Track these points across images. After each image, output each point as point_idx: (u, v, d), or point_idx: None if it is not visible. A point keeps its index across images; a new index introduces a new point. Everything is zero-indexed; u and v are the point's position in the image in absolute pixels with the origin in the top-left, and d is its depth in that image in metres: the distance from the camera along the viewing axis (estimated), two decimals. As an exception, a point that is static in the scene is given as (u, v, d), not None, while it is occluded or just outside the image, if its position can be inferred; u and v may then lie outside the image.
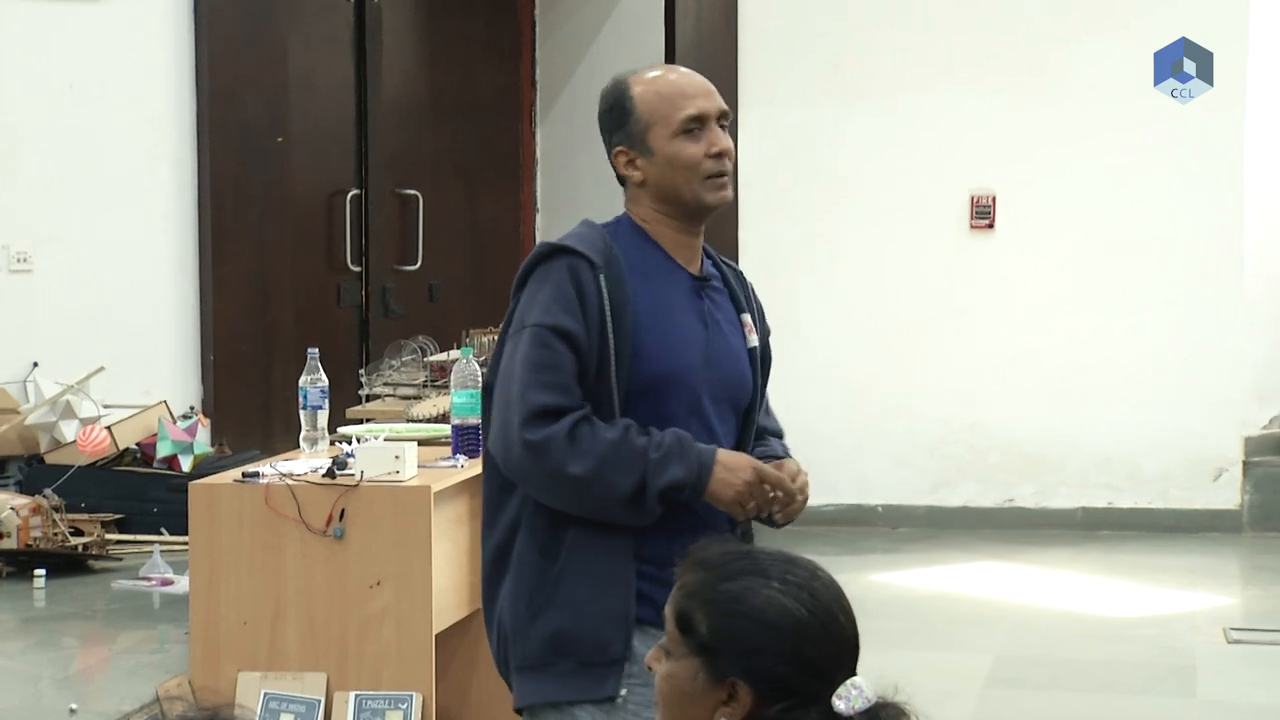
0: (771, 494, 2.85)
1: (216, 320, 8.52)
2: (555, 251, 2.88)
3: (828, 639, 2.10)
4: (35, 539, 7.51)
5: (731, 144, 2.98)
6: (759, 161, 8.99)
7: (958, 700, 5.77)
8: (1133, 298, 8.77)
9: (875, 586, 7.37)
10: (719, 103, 2.96)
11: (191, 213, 8.58)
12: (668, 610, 2.18)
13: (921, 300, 8.93)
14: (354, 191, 9.05)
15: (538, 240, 9.72)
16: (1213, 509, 8.71)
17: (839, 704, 2.06)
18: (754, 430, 3.03)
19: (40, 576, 7.31)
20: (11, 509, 7.49)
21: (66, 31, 8.44)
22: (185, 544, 5.39)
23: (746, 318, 3.04)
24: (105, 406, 8.24)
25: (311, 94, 8.88)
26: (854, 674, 2.10)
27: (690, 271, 2.97)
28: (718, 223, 9.97)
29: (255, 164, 8.65)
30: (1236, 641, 6.54)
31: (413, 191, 9.25)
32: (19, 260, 8.40)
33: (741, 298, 3.05)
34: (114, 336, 8.41)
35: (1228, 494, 8.73)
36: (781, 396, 9.90)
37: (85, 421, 8.16)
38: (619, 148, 2.95)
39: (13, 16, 8.36)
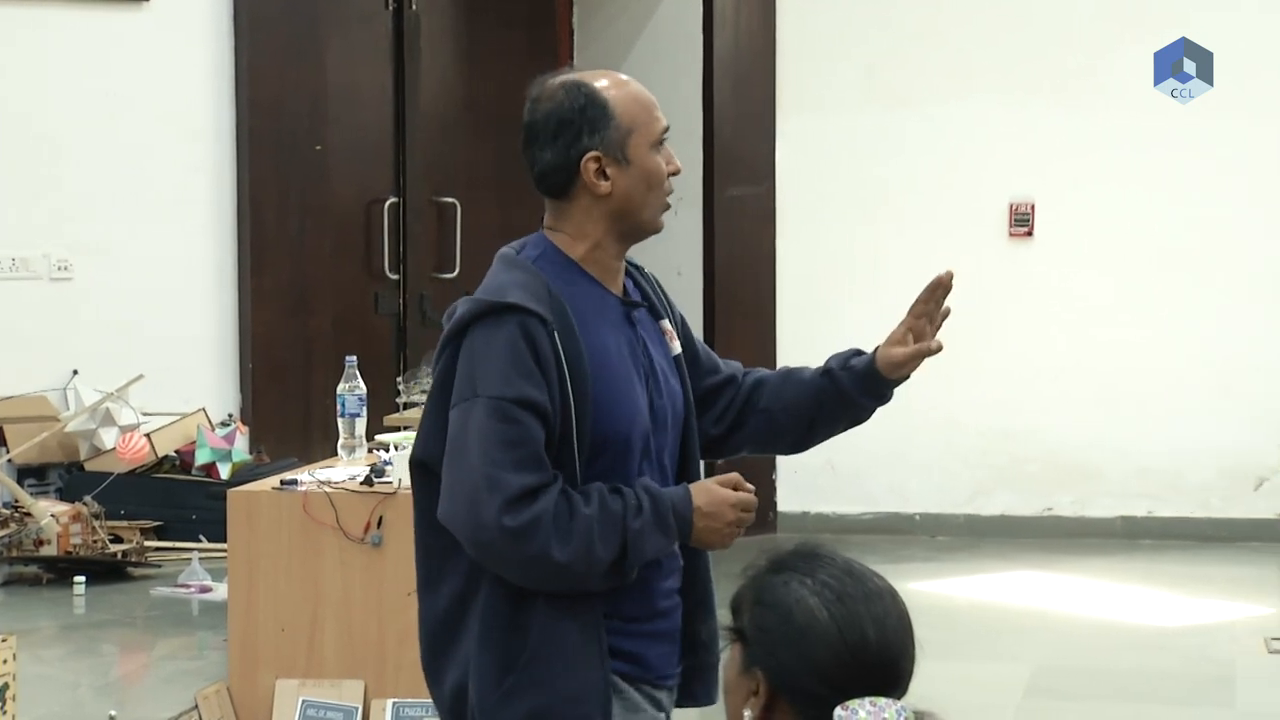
0: (754, 513, 2.71)
1: (255, 328, 8.55)
2: (503, 309, 2.62)
3: (845, 648, 2.04)
4: (75, 546, 7.55)
5: None
6: (797, 169, 8.98)
7: (996, 711, 5.75)
8: (1173, 306, 8.72)
9: (913, 596, 7.24)
10: None
11: (230, 221, 8.61)
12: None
13: (960, 308, 8.80)
14: (392, 200, 9.07)
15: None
16: (1254, 519, 8.65)
17: (841, 716, 2.00)
18: (695, 439, 2.83)
19: (80, 583, 7.34)
20: (51, 516, 7.53)
21: (107, 41, 8.48)
22: (224, 551, 5.42)
23: (666, 324, 2.83)
24: (144, 414, 8.28)
25: (350, 103, 8.90)
26: (883, 693, 2.02)
27: (618, 295, 2.76)
28: (756, 230, 9.88)
29: (294, 173, 8.68)
30: (1277, 651, 6.49)
31: (450, 200, 9.26)
32: (59, 269, 8.45)
33: (656, 301, 2.83)
34: (153, 344, 8.44)
35: (1269, 503, 8.67)
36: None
37: (125, 429, 8.19)
38: (593, 153, 2.67)
39: (54, 26, 8.41)
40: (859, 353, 3.00)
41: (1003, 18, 8.84)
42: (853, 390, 2.94)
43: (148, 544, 7.84)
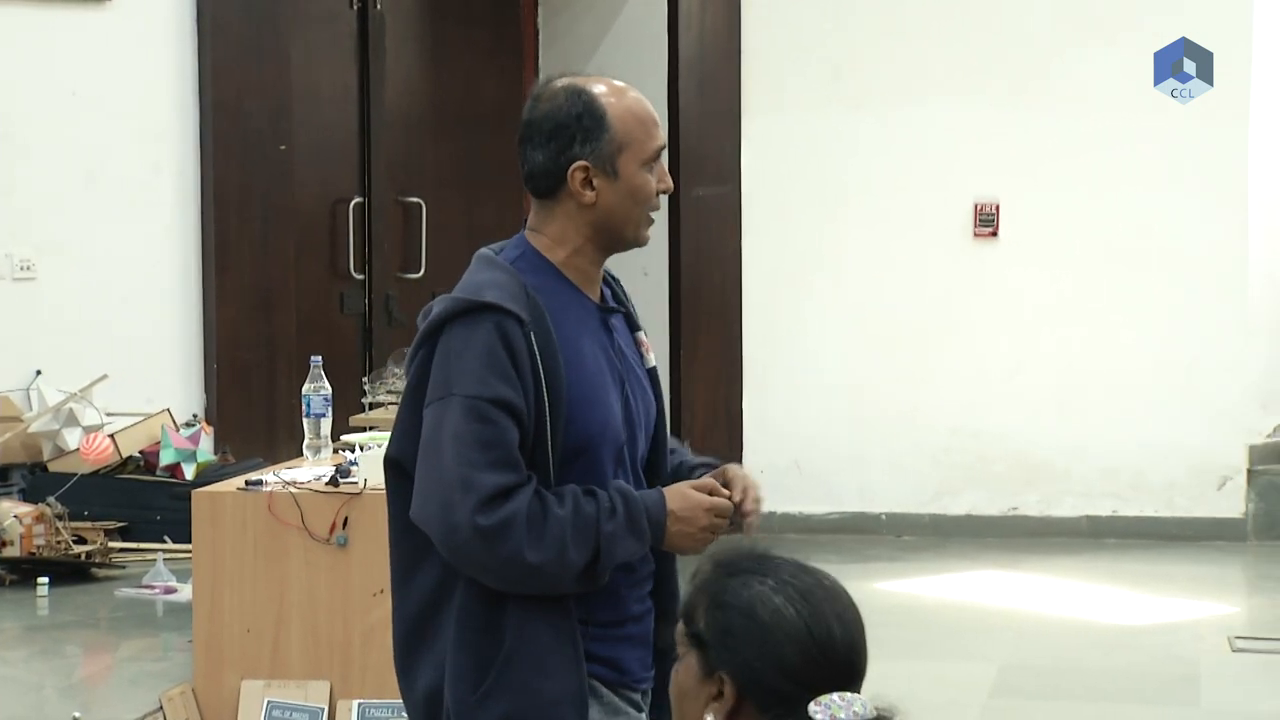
0: (728, 520, 2.69)
1: (220, 328, 8.52)
2: (479, 308, 2.60)
3: (813, 644, 2.05)
4: (38, 547, 7.51)
5: None
6: (761, 170, 8.99)
7: (962, 710, 5.76)
8: (1137, 306, 8.76)
9: (879, 595, 7.35)
10: None
11: (194, 220, 8.58)
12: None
13: (925, 308, 8.92)
14: (357, 200, 9.05)
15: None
16: (1217, 518, 8.69)
17: (815, 711, 2.01)
18: (664, 451, 2.84)
19: (43, 585, 7.30)
20: (15, 517, 7.49)
21: (69, 39, 8.43)
22: (188, 552, 5.39)
23: (642, 336, 2.84)
24: (108, 415, 8.24)
25: (314, 103, 8.87)
26: (847, 689, 2.04)
27: (595, 301, 2.76)
28: (722, 230, 9.87)
29: (258, 172, 8.65)
30: (1241, 650, 6.52)
31: (416, 199, 9.24)
32: (22, 268, 8.40)
33: (634, 313, 2.85)
34: (117, 344, 8.40)
35: (1232, 502, 8.71)
36: (785, 404, 9.91)
37: (89, 429, 8.15)
38: (581, 163, 2.67)
39: (15, 23, 8.36)
40: (710, 465, 2.88)
41: (968, 18, 8.86)
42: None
43: (112, 545, 7.80)
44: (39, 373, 8.35)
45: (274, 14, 8.66)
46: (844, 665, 2.07)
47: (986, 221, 8.87)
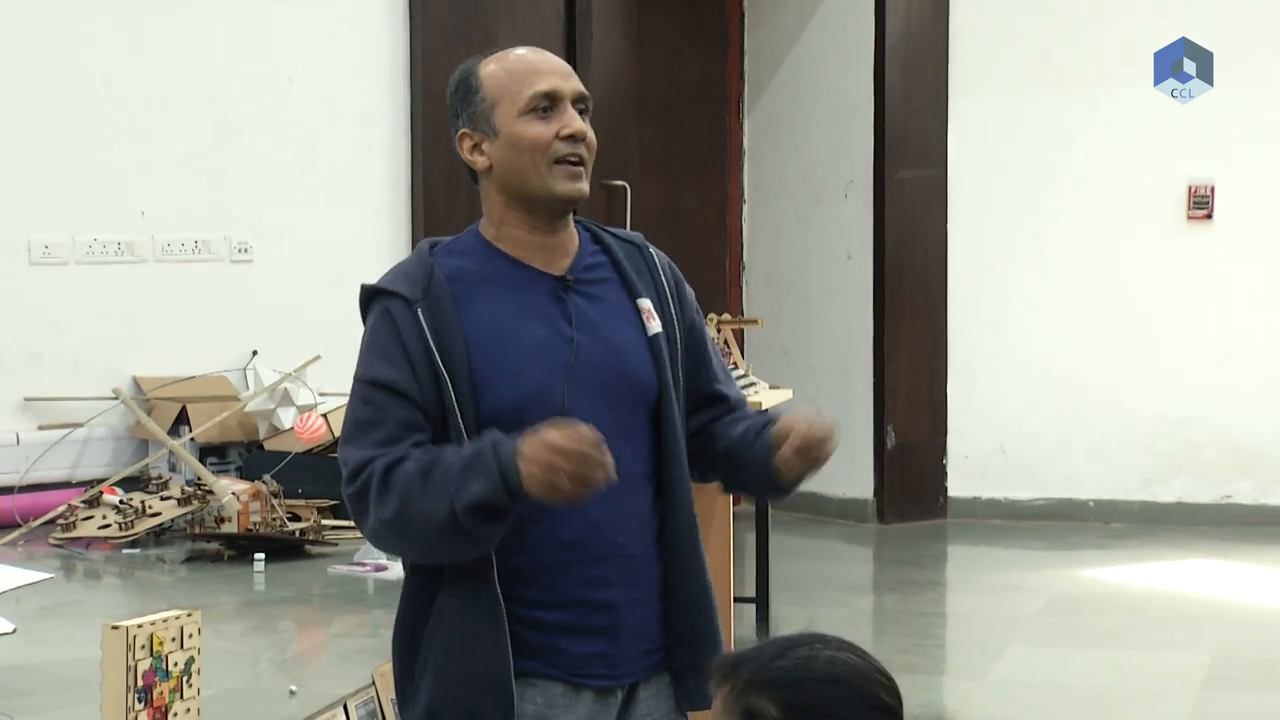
0: (588, 464, 2.41)
1: (428, 310, 8.65)
2: (371, 295, 2.63)
3: (882, 675, 2.10)
4: (255, 524, 7.71)
5: (590, 132, 2.69)
6: (967, 153, 8.89)
7: (1173, 699, 5.66)
8: (1358, 290, 8.51)
9: (1087, 583, 7.24)
10: (576, 85, 2.69)
11: (404, 203, 8.73)
12: None
13: (1134, 293, 8.76)
14: (563, 183, 9.12)
15: (745, 231, 9.72)
16: None
17: None
18: (673, 425, 2.66)
19: (259, 560, 7.49)
20: (232, 494, 7.70)
21: (285, 26, 8.63)
22: (398, 530, 5.47)
23: (644, 303, 2.69)
24: (321, 394, 8.42)
25: (521, 87, 8.95)
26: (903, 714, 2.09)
27: (551, 273, 2.65)
28: (926, 214, 9.78)
29: (466, 157, 8.76)
30: None
31: (620, 182, 9.30)
32: (239, 251, 8.62)
33: (638, 281, 2.71)
34: (330, 325, 8.57)
35: None
36: (990, 390, 9.73)
37: (302, 409, 8.34)
38: (463, 131, 2.69)
39: (233, 10, 8.58)
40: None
41: (1181, -4, 8.67)
42: (756, 453, 2.67)
43: (324, 523, 7.98)
44: (255, 353, 8.57)
45: (482, -1, 8.77)
46: (899, 691, 2.11)
47: (1201, 204, 8.68)
